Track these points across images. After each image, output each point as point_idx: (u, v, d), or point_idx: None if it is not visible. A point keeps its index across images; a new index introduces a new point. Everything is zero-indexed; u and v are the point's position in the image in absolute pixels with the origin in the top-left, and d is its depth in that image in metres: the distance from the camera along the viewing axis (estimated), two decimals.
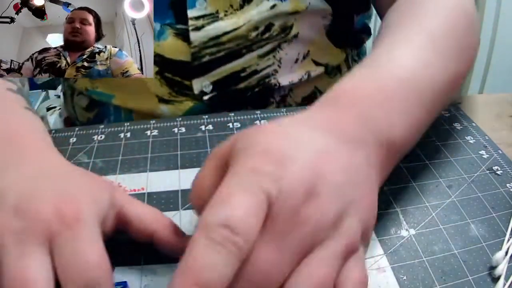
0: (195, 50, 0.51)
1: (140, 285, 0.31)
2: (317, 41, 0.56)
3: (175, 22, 0.50)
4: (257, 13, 0.51)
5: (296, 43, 0.55)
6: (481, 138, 0.44)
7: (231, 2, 0.50)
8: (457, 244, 0.33)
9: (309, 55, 0.56)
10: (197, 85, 0.53)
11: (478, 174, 0.40)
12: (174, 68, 0.52)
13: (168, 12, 0.50)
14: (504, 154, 0.42)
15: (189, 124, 0.47)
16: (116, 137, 0.46)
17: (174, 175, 0.40)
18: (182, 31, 0.50)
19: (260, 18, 0.51)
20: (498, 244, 0.33)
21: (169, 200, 0.38)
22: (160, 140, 0.45)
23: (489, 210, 0.36)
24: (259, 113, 0.49)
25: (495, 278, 0.31)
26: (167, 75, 0.52)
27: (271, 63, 0.54)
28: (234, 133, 0.45)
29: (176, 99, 0.53)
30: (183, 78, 0.53)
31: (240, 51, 0.52)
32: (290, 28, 0.53)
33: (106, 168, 0.41)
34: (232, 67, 0.53)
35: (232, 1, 0.50)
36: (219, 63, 0.52)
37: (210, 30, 0.50)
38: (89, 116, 0.60)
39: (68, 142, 0.45)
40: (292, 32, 0.53)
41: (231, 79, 0.54)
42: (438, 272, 0.31)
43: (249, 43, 0.52)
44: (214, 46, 0.51)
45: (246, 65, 0.53)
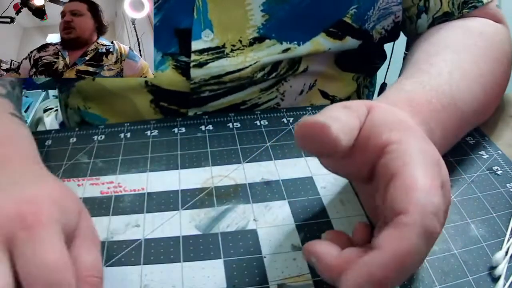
0: (194, 86, 0.48)
1: (140, 285, 0.31)
2: (326, 72, 0.53)
3: (179, 52, 0.47)
4: (267, 54, 0.47)
5: (303, 76, 0.51)
6: (481, 138, 0.44)
7: (240, 37, 0.47)
8: (457, 244, 0.33)
9: (316, 84, 0.53)
10: (192, 112, 0.50)
11: (478, 174, 0.40)
12: (170, 98, 0.49)
13: (172, 41, 0.47)
14: (504, 154, 0.42)
15: (189, 124, 0.47)
16: (116, 137, 0.46)
17: (174, 175, 0.40)
18: (182, 65, 0.47)
19: (269, 60, 0.48)
20: (498, 244, 0.33)
21: (169, 200, 0.38)
22: (160, 140, 0.45)
23: (489, 210, 0.36)
24: (259, 113, 0.49)
25: (495, 278, 0.31)
26: (163, 104, 0.50)
27: (273, 96, 0.51)
28: (234, 133, 0.45)
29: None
30: (179, 107, 0.50)
31: (243, 86, 0.49)
32: (298, 64, 0.50)
33: (106, 168, 0.41)
34: (232, 100, 0.50)
35: (242, 36, 0.47)
36: (218, 97, 0.50)
37: (213, 68, 0.47)
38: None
39: (68, 142, 0.45)
40: (301, 68, 0.50)
41: (230, 110, 0.50)
42: (438, 272, 0.31)
43: (253, 81, 0.49)
44: (215, 84, 0.48)
45: (247, 98, 0.51)
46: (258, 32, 0.47)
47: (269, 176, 0.40)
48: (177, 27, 0.46)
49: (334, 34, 0.49)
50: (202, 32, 0.46)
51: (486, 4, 0.49)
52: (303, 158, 0.42)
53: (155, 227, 0.35)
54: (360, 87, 0.58)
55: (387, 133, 0.28)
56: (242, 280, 0.31)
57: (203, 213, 0.36)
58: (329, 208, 0.37)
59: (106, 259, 0.32)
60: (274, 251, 0.33)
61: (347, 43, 0.50)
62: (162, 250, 0.33)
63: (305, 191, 0.38)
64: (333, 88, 0.55)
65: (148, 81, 0.48)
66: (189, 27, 0.46)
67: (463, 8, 0.49)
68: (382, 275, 0.23)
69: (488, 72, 0.42)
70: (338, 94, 0.55)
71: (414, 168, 0.26)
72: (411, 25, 0.53)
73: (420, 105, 0.34)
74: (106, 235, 0.34)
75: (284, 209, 0.37)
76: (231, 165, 0.41)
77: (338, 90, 0.55)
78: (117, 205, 0.37)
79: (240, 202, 0.37)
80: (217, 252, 0.33)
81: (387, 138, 0.28)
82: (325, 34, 0.48)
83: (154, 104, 0.50)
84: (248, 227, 0.35)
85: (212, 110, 0.50)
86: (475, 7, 0.49)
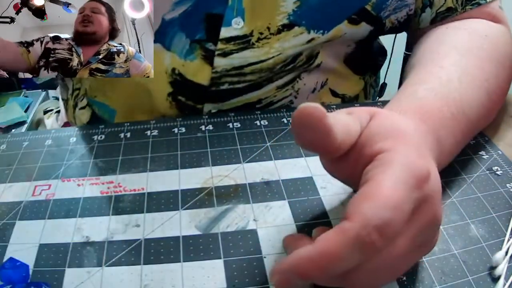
0: (215, 75, 0.48)
1: (140, 285, 0.31)
2: (336, 69, 0.55)
3: (205, 38, 0.47)
4: (292, 46, 0.48)
5: (316, 73, 0.53)
6: (481, 139, 0.44)
7: (269, 24, 0.47)
8: (457, 244, 0.33)
9: (327, 83, 0.55)
10: (207, 108, 0.51)
11: (478, 174, 0.40)
12: (189, 92, 0.49)
13: (200, 26, 0.47)
14: (504, 154, 0.42)
15: (189, 124, 0.47)
16: (116, 137, 0.46)
17: (174, 175, 0.40)
18: (210, 53, 0.47)
19: (292, 53, 0.49)
20: (498, 244, 0.33)
21: (169, 200, 0.38)
22: (160, 140, 0.45)
23: (489, 210, 0.36)
24: (259, 113, 0.49)
25: (495, 278, 0.31)
26: (180, 98, 0.50)
27: (288, 94, 0.53)
28: (234, 133, 0.45)
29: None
30: (195, 103, 0.50)
31: (261, 83, 0.50)
32: (315, 57, 0.51)
33: (106, 168, 0.41)
34: (249, 98, 0.51)
35: (271, 23, 0.47)
36: (236, 93, 0.50)
37: (236, 58, 0.47)
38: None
39: (68, 142, 0.45)
40: (316, 62, 0.52)
41: (245, 108, 0.51)
42: (438, 272, 0.31)
43: (271, 74, 0.50)
44: (235, 76, 0.49)
45: (263, 96, 0.52)
46: (288, 19, 0.47)
47: (269, 176, 0.40)
48: (209, 12, 0.46)
49: (354, 20, 0.50)
50: (233, 20, 0.46)
51: (489, 3, 0.50)
52: (303, 158, 0.42)
53: (155, 227, 0.35)
54: (366, 85, 0.60)
55: (382, 142, 0.29)
56: (242, 280, 0.31)
57: (203, 213, 0.36)
58: (329, 208, 0.37)
59: (106, 259, 0.32)
60: (274, 251, 0.33)
61: (361, 28, 0.51)
62: (162, 250, 0.33)
63: (305, 191, 0.38)
64: (342, 87, 0.56)
65: (176, 69, 0.48)
66: (221, 13, 0.46)
67: (466, 5, 0.50)
68: (305, 269, 0.24)
69: (493, 76, 0.42)
70: (347, 93, 0.57)
71: (386, 178, 0.26)
72: (414, 19, 0.54)
73: (430, 113, 0.35)
74: (106, 235, 0.34)
75: (284, 209, 0.37)
76: (231, 165, 0.41)
77: (347, 89, 0.57)
78: (117, 205, 0.37)
79: (240, 202, 0.37)
80: (217, 252, 0.33)
81: (380, 146, 0.28)
82: (347, 21, 0.49)
83: (172, 97, 0.50)
84: (248, 227, 0.35)
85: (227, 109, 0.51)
86: (478, 4, 0.50)
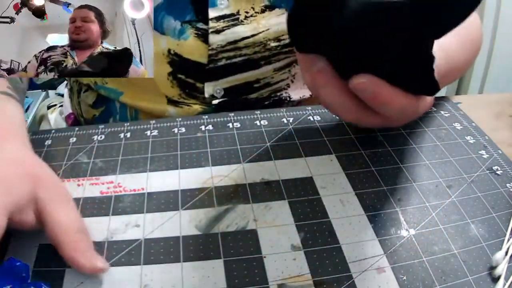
0: (212, 52, 0.51)
1: (140, 285, 0.31)
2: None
3: (195, 19, 0.50)
4: (276, 23, 0.51)
5: None
6: (481, 138, 0.44)
7: (253, 5, 0.51)
8: (457, 244, 0.33)
9: None
10: (208, 89, 0.53)
11: (478, 174, 0.40)
12: (188, 69, 0.52)
13: (188, 8, 0.50)
14: (504, 154, 0.42)
15: (189, 124, 0.47)
16: (116, 137, 0.46)
17: (174, 175, 0.40)
18: (203, 32, 0.50)
19: (278, 29, 0.51)
20: (498, 244, 0.33)
21: (169, 200, 0.38)
22: (160, 140, 0.45)
23: (489, 210, 0.36)
24: (259, 113, 0.49)
25: (495, 278, 0.31)
26: (180, 76, 0.52)
27: (285, 77, 0.55)
28: (234, 133, 0.45)
29: (185, 101, 0.53)
30: (196, 80, 0.53)
31: (258, 61, 0.53)
32: None
33: (106, 168, 0.41)
34: (247, 77, 0.53)
35: (254, 4, 0.51)
36: (234, 70, 0.53)
37: (229, 34, 0.50)
38: (94, 113, 0.59)
39: (68, 142, 0.45)
40: None
41: (244, 88, 0.54)
42: (438, 272, 0.31)
43: (267, 53, 0.52)
44: (231, 51, 0.51)
45: (261, 76, 0.54)
46: (269, 1, 0.51)
47: (269, 176, 0.40)
48: None
49: None
50: (218, 0, 0.50)
51: None
52: (303, 158, 0.42)
53: (155, 227, 0.35)
54: None
55: None
56: (242, 280, 0.31)
57: (203, 213, 0.36)
58: (329, 208, 0.37)
59: (106, 259, 0.32)
60: (274, 251, 0.33)
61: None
62: (162, 250, 0.33)
63: (305, 191, 0.38)
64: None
65: (171, 49, 0.51)
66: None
67: None
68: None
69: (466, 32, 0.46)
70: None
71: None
72: None
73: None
74: (106, 235, 0.34)
75: (284, 209, 0.37)
76: (231, 165, 0.41)
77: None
78: (117, 205, 0.37)
79: (240, 202, 0.37)
80: (217, 252, 0.33)
81: None
82: None
83: (172, 76, 0.52)
84: (248, 227, 0.35)
85: (227, 87, 0.53)
86: None
